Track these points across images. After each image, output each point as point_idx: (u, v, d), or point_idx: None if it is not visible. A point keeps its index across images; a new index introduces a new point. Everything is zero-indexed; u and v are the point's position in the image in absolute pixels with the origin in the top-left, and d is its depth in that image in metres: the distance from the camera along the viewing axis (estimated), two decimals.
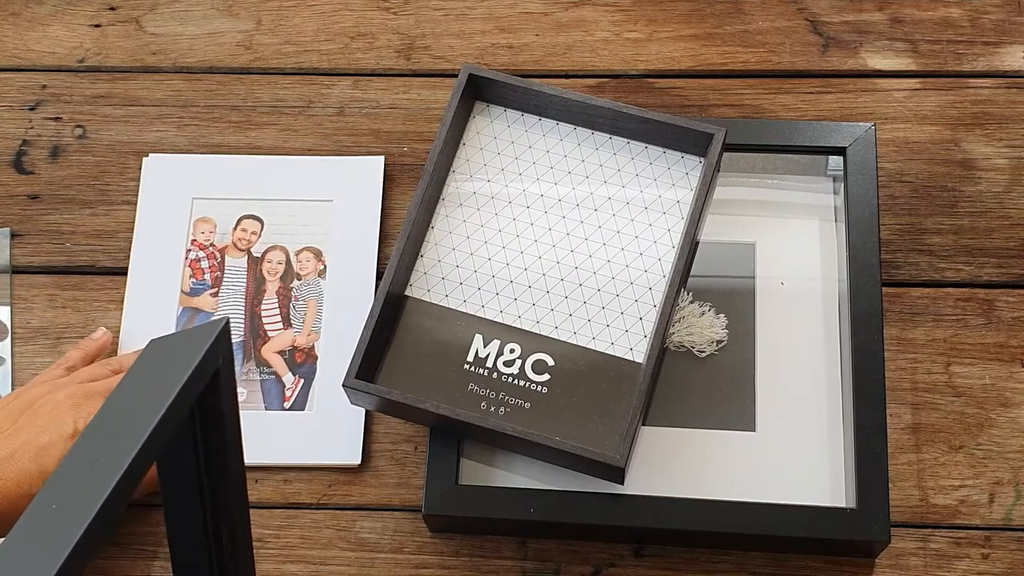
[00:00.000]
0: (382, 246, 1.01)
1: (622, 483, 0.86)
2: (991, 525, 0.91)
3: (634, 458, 0.88)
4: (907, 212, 1.01)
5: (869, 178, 0.95)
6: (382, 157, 1.04)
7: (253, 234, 1.01)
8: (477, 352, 0.90)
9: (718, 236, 0.97)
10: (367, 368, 0.88)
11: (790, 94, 1.06)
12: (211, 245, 1.01)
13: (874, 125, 0.97)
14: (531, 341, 0.90)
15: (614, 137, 0.95)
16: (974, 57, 1.06)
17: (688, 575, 0.91)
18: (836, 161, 0.98)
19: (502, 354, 0.90)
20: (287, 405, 0.96)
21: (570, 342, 0.90)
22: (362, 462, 0.95)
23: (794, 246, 0.97)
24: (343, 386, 0.87)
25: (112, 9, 1.12)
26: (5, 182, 1.06)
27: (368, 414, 0.96)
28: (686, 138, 0.93)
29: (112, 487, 0.57)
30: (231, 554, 0.76)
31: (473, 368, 0.90)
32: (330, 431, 0.95)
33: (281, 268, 1.00)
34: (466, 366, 0.90)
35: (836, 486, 0.90)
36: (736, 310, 0.96)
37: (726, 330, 0.95)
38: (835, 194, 0.99)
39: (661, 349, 0.90)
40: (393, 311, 0.91)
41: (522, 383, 0.89)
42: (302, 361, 0.97)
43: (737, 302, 0.96)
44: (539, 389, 0.89)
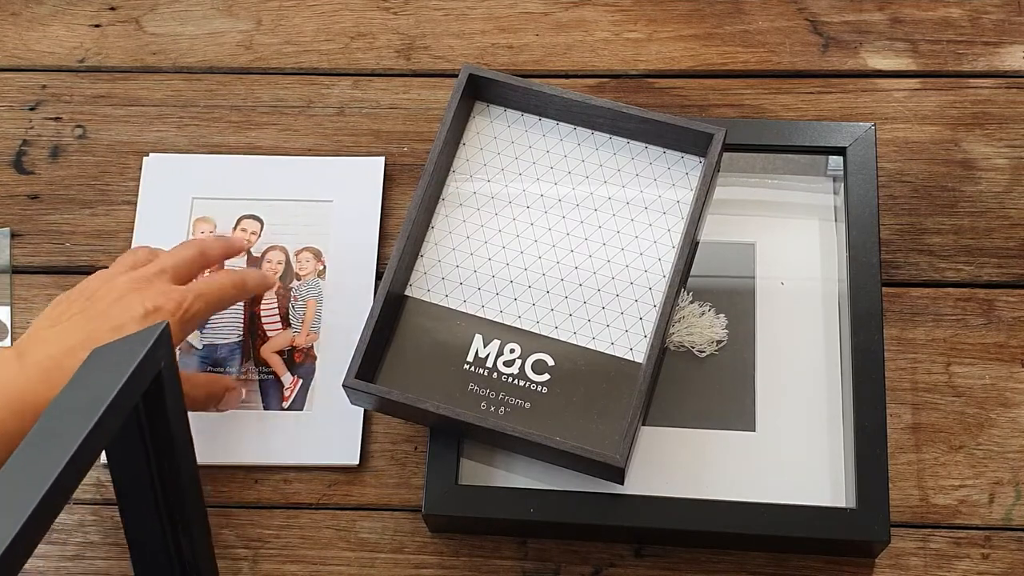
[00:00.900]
0: (382, 246, 1.01)
1: (622, 483, 0.86)
2: (991, 525, 0.91)
3: (634, 458, 0.88)
4: (907, 212, 1.01)
5: (869, 178, 0.95)
6: (382, 157, 1.04)
7: (253, 234, 1.01)
8: (477, 352, 0.90)
9: (718, 236, 0.97)
10: (367, 368, 0.88)
11: (790, 94, 1.06)
12: None
13: (874, 125, 0.97)
14: (531, 341, 0.90)
15: (614, 137, 0.95)
16: (974, 57, 1.06)
17: (688, 575, 0.91)
18: (836, 161, 0.98)
19: (502, 354, 0.90)
20: (286, 405, 0.96)
21: (570, 342, 0.90)
22: (362, 462, 0.95)
23: (794, 246, 0.97)
24: (343, 386, 0.87)
25: (112, 9, 1.12)
26: (5, 182, 1.06)
27: (367, 414, 0.96)
28: (686, 138, 0.93)
29: (53, 480, 0.58)
30: (190, 552, 0.77)
31: (473, 368, 0.90)
32: (329, 431, 0.95)
33: (281, 268, 1.00)
34: (466, 366, 0.90)
35: (836, 486, 0.90)
36: (736, 310, 0.96)
37: (726, 330, 0.95)
38: (835, 194, 0.99)
39: (661, 349, 0.90)
40: (393, 311, 0.91)
41: (522, 383, 0.89)
42: (301, 361, 0.97)
43: (737, 302, 0.96)
44: (539, 389, 0.89)
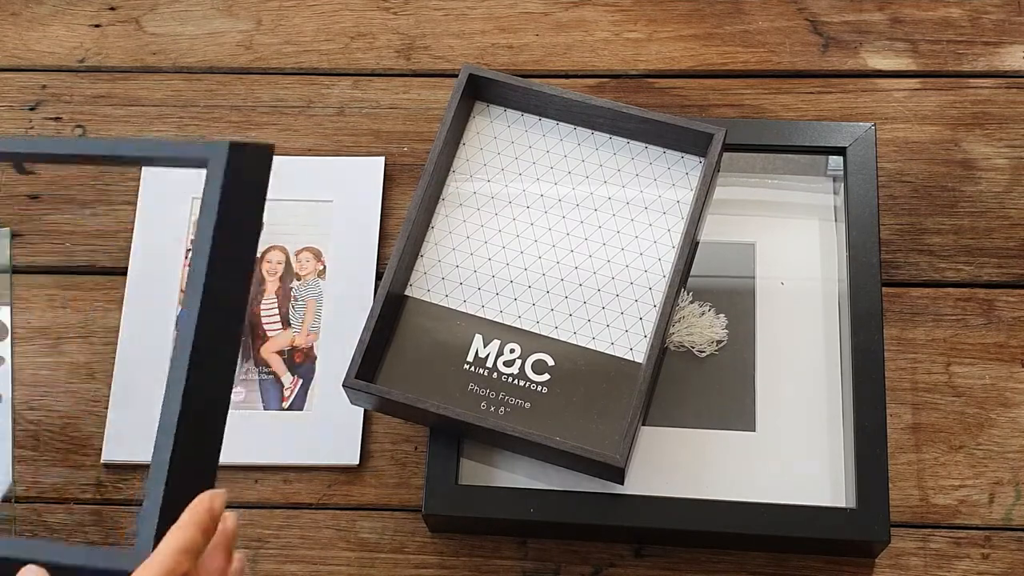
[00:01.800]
0: (382, 246, 1.01)
1: (622, 483, 0.86)
2: (991, 525, 0.91)
3: (634, 458, 0.88)
4: (907, 212, 1.01)
5: (869, 178, 0.95)
6: (382, 157, 1.04)
7: None
8: (477, 352, 0.90)
9: (718, 236, 0.97)
10: (367, 368, 0.88)
11: (790, 94, 1.06)
12: None
13: (874, 125, 0.97)
14: (531, 341, 0.90)
15: (614, 137, 0.95)
16: (974, 57, 1.06)
17: (688, 575, 0.91)
18: (836, 161, 0.98)
19: (502, 354, 0.90)
20: (285, 405, 0.96)
21: (570, 342, 0.90)
22: (361, 462, 0.95)
23: (794, 246, 0.97)
24: (343, 386, 0.87)
25: (112, 9, 1.12)
26: (5, 182, 1.06)
27: (367, 414, 0.96)
28: (686, 138, 0.93)
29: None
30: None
31: (473, 368, 0.90)
32: (328, 431, 0.95)
33: (280, 268, 1.00)
34: (466, 366, 0.90)
35: (836, 486, 0.90)
36: (736, 310, 0.96)
37: (726, 330, 0.95)
38: (835, 194, 0.98)
39: (661, 349, 0.90)
40: (393, 311, 0.91)
41: (522, 383, 0.89)
42: (301, 361, 0.97)
43: (737, 302, 0.96)
44: (539, 389, 0.89)
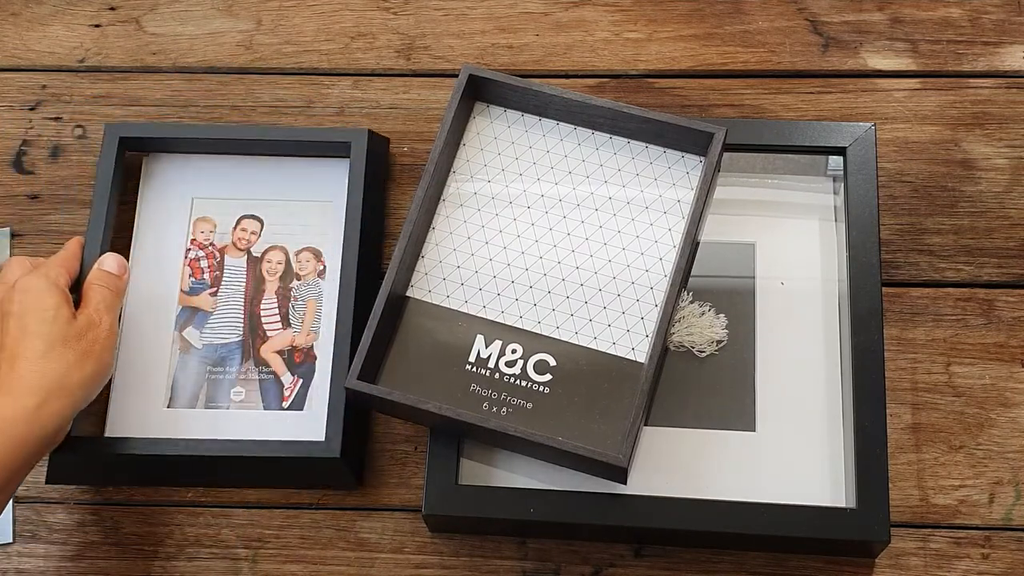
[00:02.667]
0: (383, 246, 1.01)
1: (625, 483, 0.86)
2: (991, 525, 0.91)
3: (634, 458, 0.88)
4: (907, 212, 1.01)
5: (869, 178, 0.95)
6: None
7: (253, 234, 1.01)
8: (479, 353, 0.90)
9: (718, 236, 0.97)
10: (369, 369, 0.88)
11: (790, 94, 1.06)
12: (211, 244, 1.01)
13: (874, 125, 0.97)
14: (533, 341, 0.90)
15: (614, 137, 0.95)
16: (974, 57, 1.06)
17: (688, 575, 0.91)
18: (836, 161, 0.98)
19: (504, 354, 0.90)
20: (285, 405, 0.96)
21: (572, 342, 0.90)
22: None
23: (794, 246, 0.97)
24: (345, 387, 0.87)
25: (112, 9, 1.12)
26: (5, 182, 1.06)
27: (367, 414, 0.96)
28: (686, 138, 0.93)
29: None
30: None
31: (475, 369, 0.90)
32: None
33: (281, 268, 1.00)
34: (468, 367, 0.90)
35: (836, 486, 0.90)
36: (736, 310, 0.96)
37: (726, 330, 0.95)
38: (835, 194, 0.99)
39: (663, 349, 0.90)
40: (394, 312, 0.91)
41: (524, 383, 0.89)
42: (301, 361, 0.97)
43: (737, 302, 0.96)
44: (541, 389, 0.89)
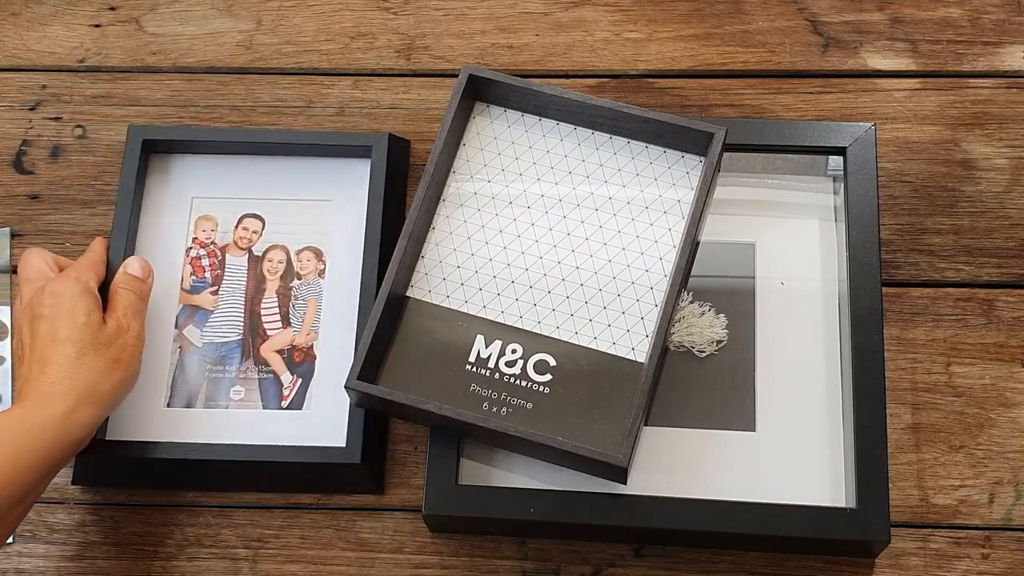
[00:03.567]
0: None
1: (625, 483, 0.86)
2: (991, 525, 0.91)
3: (634, 458, 0.88)
4: (907, 212, 1.01)
5: (869, 178, 0.95)
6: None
7: (254, 233, 1.01)
8: (479, 353, 0.90)
9: (718, 236, 0.97)
10: (369, 369, 0.88)
11: (790, 94, 1.06)
12: (212, 243, 1.01)
13: (874, 125, 0.97)
14: (533, 341, 0.90)
15: (614, 137, 0.95)
16: (974, 57, 1.06)
17: (688, 575, 0.91)
18: (836, 161, 0.98)
19: (504, 354, 0.90)
20: (285, 404, 0.96)
21: (572, 342, 0.90)
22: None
23: (794, 246, 0.97)
24: (345, 387, 0.87)
25: (112, 9, 1.12)
26: (5, 182, 1.06)
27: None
28: (686, 138, 0.93)
29: None
30: None
31: (475, 369, 0.90)
32: (328, 431, 0.95)
33: (281, 267, 1.00)
34: (468, 367, 0.90)
35: (836, 486, 0.90)
36: (736, 310, 0.96)
37: (726, 330, 0.95)
38: (835, 194, 0.99)
39: (663, 349, 0.90)
40: (394, 312, 0.91)
41: (524, 383, 0.89)
42: (300, 360, 0.97)
43: (737, 302, 0.96)
44: (541, 389, 0.89)
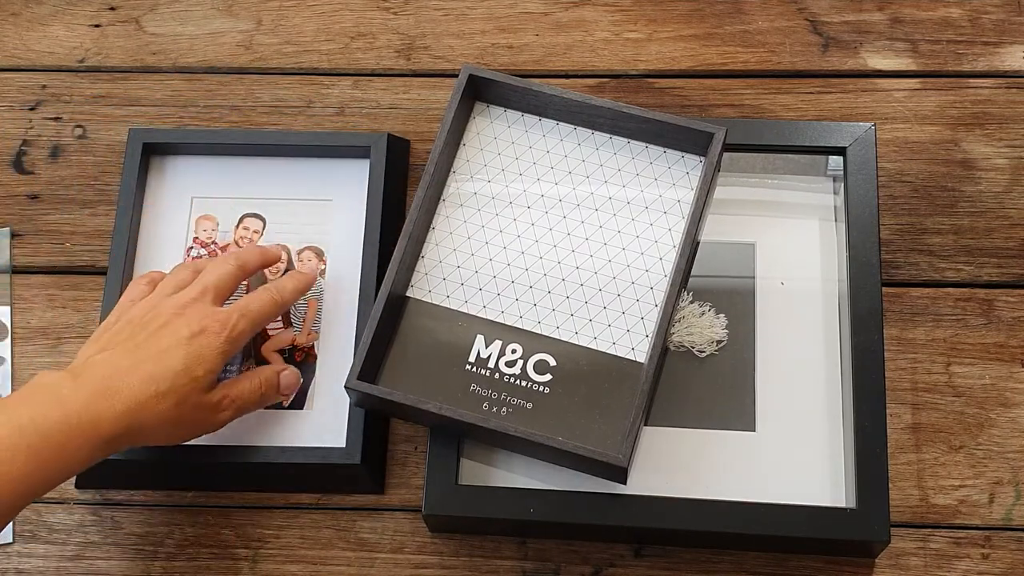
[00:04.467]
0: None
1: (624, 483, 0.86)
2: (991, 525, 0.91)
3: (634, 458, 0.88)
4: (907, 212, 1.01)
5: (869, 178, 0.95)
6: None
7: (255, 232, 1.01)
8: (479, 353, 0.90)
9: (718, 236, 0.97)
10: (369, 369, 0.88)
11: (790, 94, 1.06)
12: (213, 243, 1.01)
13: (874, 125, 0.97)
14: (533, 341, 0.90)
15: (614, 137, 0.95)
16: (974, 57, 1.06)
17: (688, 575, 0.91)
18: (836, 161, 0.98)
19: (504, 354, 0.90)
20: (285, 404, 0.96)
21: (572, 342, 0.90)
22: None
23: (794, 246, 0.97)
24: (345, 387, 0.87)
25: (112, 9, 1.12)
26: (5, 182, 1.06)
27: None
28: (686, 138, 0.93)
29: None
30: None
31: (475, 369, 0.90)
32: (328, 431, 0.95)
33: (283, 267, 1.00)
34: (468, 367, 0.90)
35: (836, 486, 0.90)
36: (736, 310, 0.96)
37: (726, 330, 0.95)
38: (835, 194, 0.99)
39: (663, 349, 0.90)
40: (394, 312, 0.91)
41: (524, 383, 0.89)
42: (301, 360, 0.97)
43: (737, 302, 0.96)
44: (541, 389, 0.89)
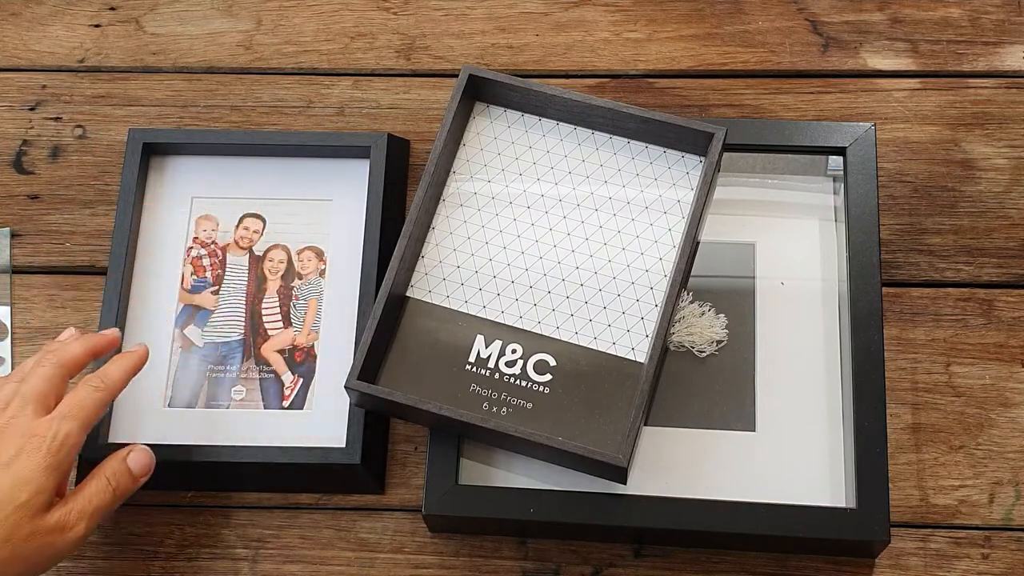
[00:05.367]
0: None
1: (624, 483, 0.86)
2: (991, 525, 0.91)
3: (634, 458, 0.88)
4: (907, 212, 1.01)
5: (869, 178, 0.95)
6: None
7: (255, 232, 1.01)
8: (479, 353, 0.90)
9: (718, 236, 0.97)
10: (369, 369, 0.88)
11: (790, 94, 1.06)
12: (213, 243, 1.01)
13: (874, 125, 0.97)
14: (533, 341, 0.90)
15: (614, 137, 0.95)
16: (974, 57, 1.06)
17: (688, 575, 0.91)
18: (836, 161, 0.98)
19: (504, 354, 0.90)
20: (286, 404, 0.96)
21: (572, 342, 0.90)
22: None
23: (794, 246, 0.97)
24: (345, 387, 0.87)
25: (112, 9, 1.12)
26: (5, 182, 1.06)
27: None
28: (686, 138, 0.93)
29: None
30: None
31: (475, 369, 0.90)
32: (328, 431, 0.95)
33: (282, 267, 1.00)
34: (468, 367, 0.90)
35: (836, 486, 0.90)
36: (736, 310, 0.96)
37: (726, 330, 0.95)
38: (835, 194, 0.99)
39: (663, 349, 0.90)
40: (394, 312, 0.91)
41: (524, 383, 0.89)
42: (301, 360, 0.97)
43: (737, 302, 0.96)
44: (541, 389, 0.89)
